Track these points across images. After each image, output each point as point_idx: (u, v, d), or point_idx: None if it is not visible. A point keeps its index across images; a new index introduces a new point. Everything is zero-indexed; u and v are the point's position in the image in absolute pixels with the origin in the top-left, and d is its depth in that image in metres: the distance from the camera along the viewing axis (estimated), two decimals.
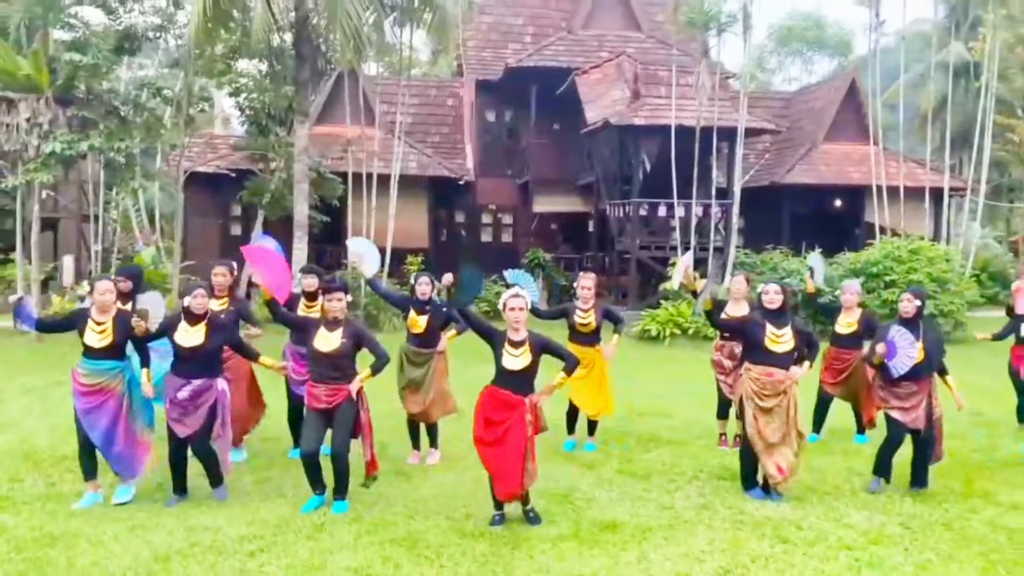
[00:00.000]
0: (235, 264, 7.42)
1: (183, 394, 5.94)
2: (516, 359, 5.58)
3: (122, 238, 24.15)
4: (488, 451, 5.56)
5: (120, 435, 6.04)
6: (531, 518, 5.69)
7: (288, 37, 16.36)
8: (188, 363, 6.01)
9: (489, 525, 5.59)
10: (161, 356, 6.38)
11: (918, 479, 6.44)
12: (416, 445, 7.47)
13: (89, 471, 6.09)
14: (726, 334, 7.39)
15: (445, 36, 17.32)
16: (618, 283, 20.94)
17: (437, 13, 15.96)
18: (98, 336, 5.94)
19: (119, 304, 6.40)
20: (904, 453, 6.49)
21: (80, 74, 15.07)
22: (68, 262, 20.67)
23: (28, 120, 14.70)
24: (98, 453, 6.06)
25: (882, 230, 19.43)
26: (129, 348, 6.10)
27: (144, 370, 6.11)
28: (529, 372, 5.62)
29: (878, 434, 7.70)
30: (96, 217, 18.81)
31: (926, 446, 6.37)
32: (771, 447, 5.97)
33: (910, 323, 6.29)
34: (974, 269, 23.89)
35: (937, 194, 21.04)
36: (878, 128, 20.38)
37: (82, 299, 6.91)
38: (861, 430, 8.18)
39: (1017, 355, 8.85)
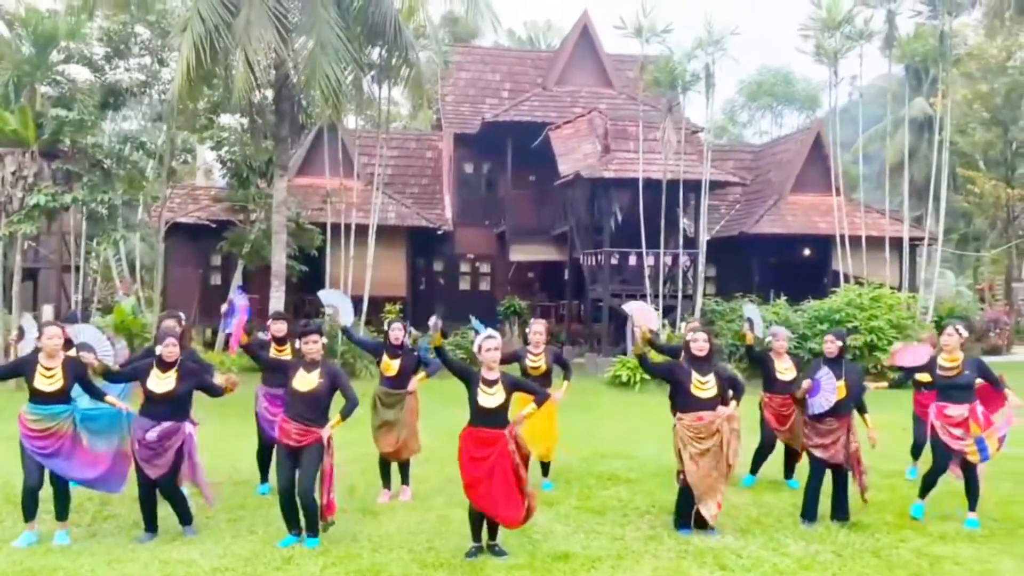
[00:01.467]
0: (183, 315, 7.85)
1: (151, 435, 6.23)
2: (491, 397, 5.97)
3: (102, 288, 24.42)
4: (479, 489, 5.86)
5: (79, 465, 6.34)
6: (496, 552, 6.02)
7: (269, 93, 16.95)
8: (158, 406, 6.33)
9: (465, 557, 5.89)
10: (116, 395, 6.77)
11: (838, 511, 6.82)
12: (387, 484, 7.80)
13: (30, 513, 6.34)
14: (658, 378, 7.70)
15: (421, 92, 17.96)
16: (592, 330, 21.40)
17: (414, 70, 16.59)
18: (48, 380, 6.19)
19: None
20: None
21: (66, 129, 15.56)
22: (48, 312, 20.88)
23: (14, 173, 15.16)
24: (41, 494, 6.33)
25: (847, 278, 20.05)
26: (76, 391, 6.39)
27: (107, 396, 6.43)
28: (503, 409, 6.02)
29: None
30: (77, 267, 19.12)
31: (844, 479, 6.77)
32: (711, 488, 6.34)
33: (833, 362, 6.78)
34: (939, 316, 24.60)
35: (904, 243, 21.68)
36: (839, 179, 21.14)
37: (20, 335, 7.15)
38: (790, 475, 8.34)
39: (919, 402, 8.49)
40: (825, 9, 19.10)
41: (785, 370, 8.02)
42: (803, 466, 8.30)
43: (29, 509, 6.32)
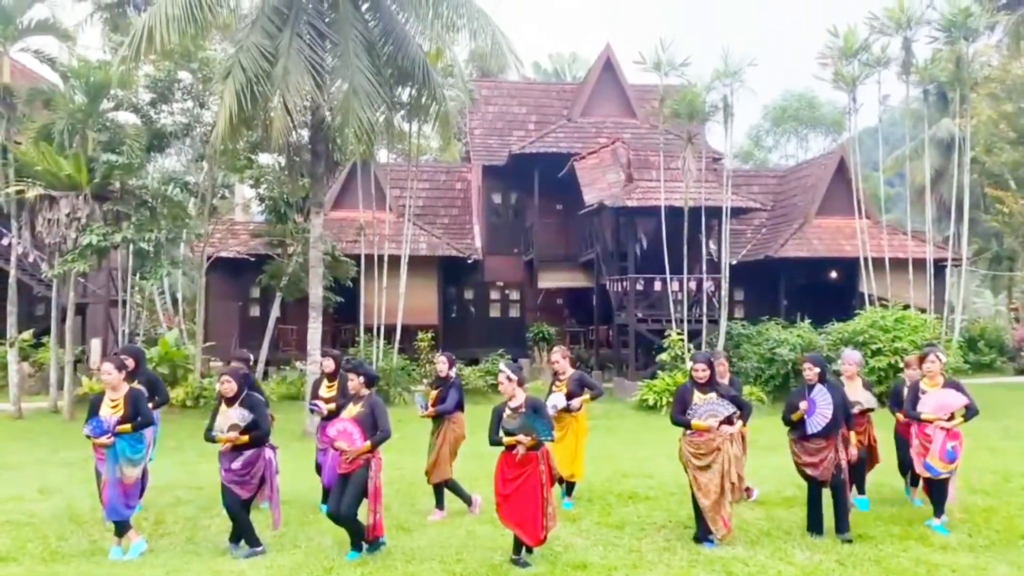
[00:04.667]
0: (251, 356, 8.58)
1: (236, 464, 6.83)
2: (515, 421, 6.50)
3: (147, 321, 25.38)
4: (506, 506, 6.42)
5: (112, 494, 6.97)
6: (520, 564, 6.50)
7: (305, 134, 17.74)
8: None
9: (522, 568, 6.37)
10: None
11: (839, 526, 7.09)
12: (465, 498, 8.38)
13: (120, 529, 7.02)
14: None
15: (449, 129, 18.60)
16: (619, 355, 21.80)
17: (442, 107, 17.24)
18: (111, 410, 6.95)
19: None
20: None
21: (115, 172, 16.45)
22: (96, 345, 21.84)
23: (68, 215, 16.02)
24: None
25: (873, 300, 20.17)
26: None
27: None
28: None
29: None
30: (123, 302, 20.01)
31: (838, 494, 7.08)
32: (716, 504, 6.75)
33: (814, 388, 7.10)
34: (969, 335, 24.54)
35: (936, 264, 21.72)
36: (861, 202, 21.40)
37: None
38: (862, 491, 8.32)
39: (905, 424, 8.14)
40: (842, 38, 19.50)
41: (854, 392, 8.06)
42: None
43: (119, 525, 6.99)
